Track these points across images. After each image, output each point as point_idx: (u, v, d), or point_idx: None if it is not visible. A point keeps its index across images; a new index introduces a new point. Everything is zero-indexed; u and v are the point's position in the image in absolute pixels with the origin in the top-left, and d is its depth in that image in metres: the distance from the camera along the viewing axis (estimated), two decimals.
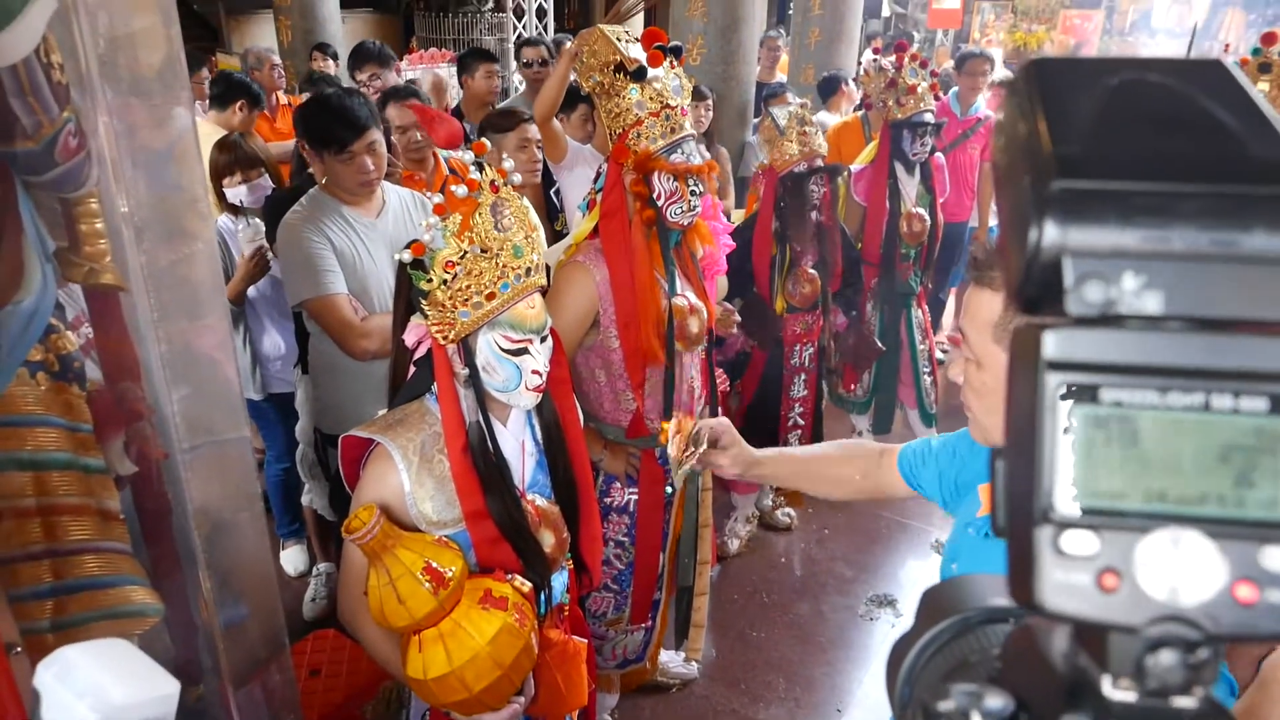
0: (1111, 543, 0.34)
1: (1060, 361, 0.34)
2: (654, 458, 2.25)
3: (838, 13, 6.03)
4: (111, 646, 0.82)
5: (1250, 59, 3.13)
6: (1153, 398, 0.33)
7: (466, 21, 9.52)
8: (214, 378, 1.42)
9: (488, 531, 1.52)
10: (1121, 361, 0.34)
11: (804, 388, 3.31)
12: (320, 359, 2.49)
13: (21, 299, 1.13)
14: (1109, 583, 0.34)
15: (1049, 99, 0.37)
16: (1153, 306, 0.34)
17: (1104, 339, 0.34)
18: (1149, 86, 0.37)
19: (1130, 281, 0.34)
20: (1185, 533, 0.33)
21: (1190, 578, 0.33)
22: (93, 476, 1.29)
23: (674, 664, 2.74)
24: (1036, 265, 0.34)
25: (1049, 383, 0.34)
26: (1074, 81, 0.37)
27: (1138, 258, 0.33)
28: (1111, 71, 0.37)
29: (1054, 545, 0.34)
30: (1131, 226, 0.33)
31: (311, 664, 2.43)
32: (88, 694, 0.75)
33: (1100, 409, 0.34)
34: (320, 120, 2.34)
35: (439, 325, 1.45)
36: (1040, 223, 0.34)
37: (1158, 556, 0.33)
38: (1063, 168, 0.34)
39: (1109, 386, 0.34)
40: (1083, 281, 0.34)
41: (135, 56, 1.20)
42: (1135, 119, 0.36)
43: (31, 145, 1.12)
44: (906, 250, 3.65)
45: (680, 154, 1.96)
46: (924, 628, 0.53)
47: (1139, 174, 0.34)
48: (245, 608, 1.57)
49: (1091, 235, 0.34)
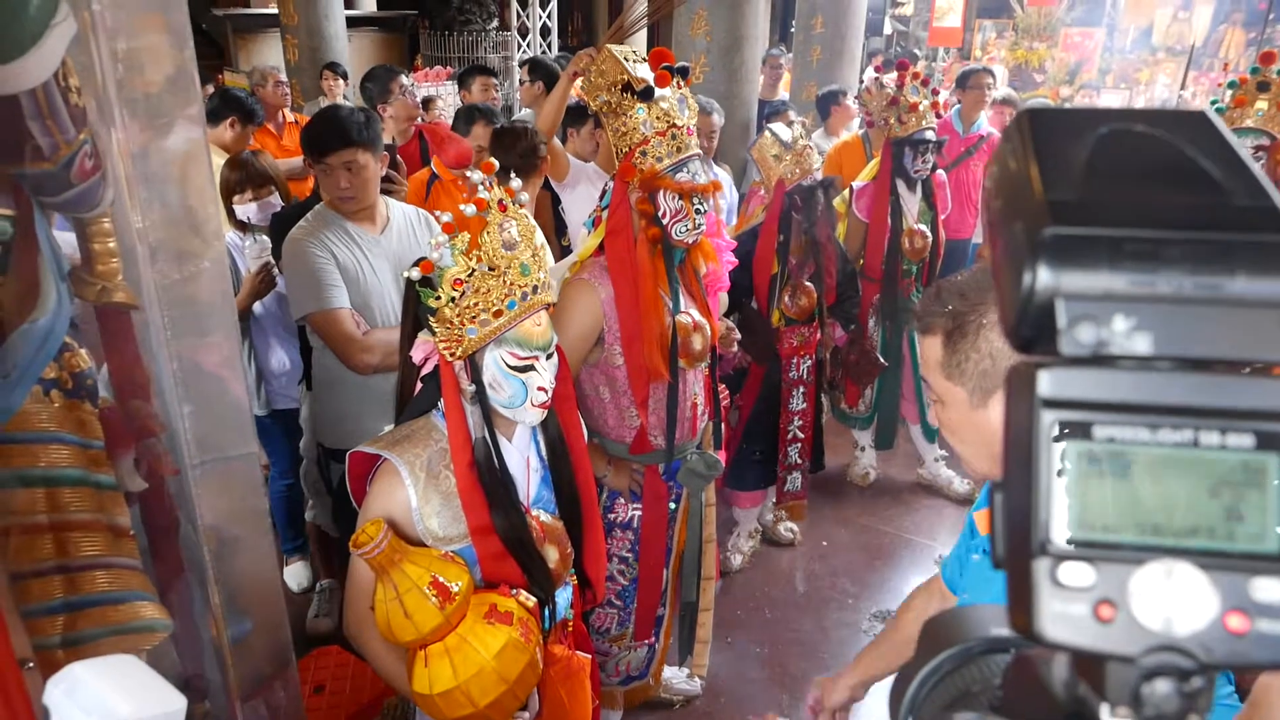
0: (1107, 574, 0.35)
1: (1055, 399, 0.35)
2: (657, 474, 2.26)
3: (839, 31, 6.07)
4: (119, 663, 0.83)
5: (1249, 77, 3.15)
6: (1144, 434, 0.35)
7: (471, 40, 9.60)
8: (223, 394, 1.43)
9: (493, 547, 1.53)
10: (1113, 399, 0.35)
11: (803, 400, 3.32)
12: (323, 373, 2.51)
13: (37, 317, 1.15)
14: (1105, 613, 0.35)
15: (1041, 147, 0.39)
16: (1142, 347, 0.35)
17: (1096, 378, 0.35)
18: (1136, 136, 0.39)
19: (1121, 323, 0.35)
20: (1178, 564, 0.35)
21: (1183, 608, 0.34)
22: (104, 493, 1.31)
23: (677, 680, 2.74)
24: (1031, 307, 0.36)
25: (1044, 420, 0.35)
26: (1065, 130, 0.39)
27: (1127, 300, 0.35)
28: (1100, 121, 0.39)
29: (1052, 577, 0.35)
30: (1121, 271, 0.35)
31: (315, 680, 2.43)
32: (95, 710, 0.76)
33: (1094, 445, 0.35)
34: (314, 127, 2.38)
35: (446, 342, 1.47)
36: (1034, 267, 0.35)
37: (1152, 588, 0.35)
38: (1055, 214, 0.36)
39: (1102, 424, 0.35)
40: (1075, 323, 0.35)
41: (150, 78, 1.22)
42: (1123, 167, 0.37)
43: (49, 167, 1.14)
44: (908, 266, 3.67)
45: (686, 173, 1.98)
46: (926, 658, 0.54)
47: (1128, 221, 0.35)
48: (251, 623, 1.58)
49: (1083, 279, 0.35)
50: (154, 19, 1.25)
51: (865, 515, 3.83)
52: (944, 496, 3.97)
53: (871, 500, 3.98)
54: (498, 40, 9.79)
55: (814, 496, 3.61)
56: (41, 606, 1.24)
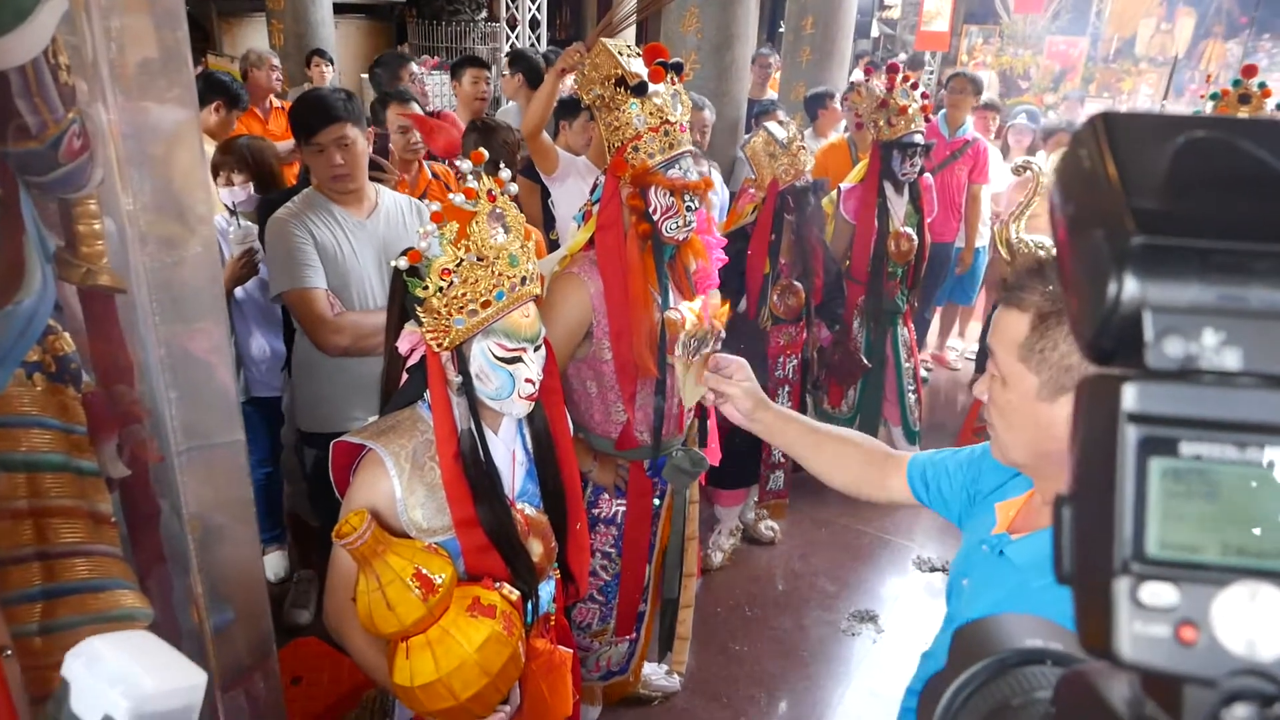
0: (1190, 595, 0.34)
1: (1140, 414, 0.34)
2: (642, 469, 2.26)
3: (829, 32, 6.10)
4: (138, 637, 0.82)
5: (1231, 90, 3.20)
6: (1231, 453, 0.34)
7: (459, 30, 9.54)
8: (210, 381, 1.42)
9: (477, 539, 1.52)
10: (1201, 416, 0.34)
11: (787, 400, 3.33)
12: (301, 355, 2.51)
13: (22, 299, 1.13)
14: (1188, 635, 0.34)
15: (1120, 152, 0.37)
16: (1232, 363, 0.34)
17: (1184, 393, 0.34)
18: (1215, 144, 0.37)
19: (1210, 338, 0.34)
20: (1263, 586, 0.34)
21: (1268, 631, 0.33)
22: (86, 479, 1.29)
23: (656, 676, 2.74)
24: (1115, 318, 0.35)
25: (1129, 435, 0.35)
26: (1143, 136, 0.38)
27: (1216, 314, 0.34)
28: (1177, 129, 0.38)
29: (1133, 597, 0.35)
30: (1210, 284, 0.34)
31: (293, 671, 2.41)
32: (119, 682, 0.75)
33: (1179, 462, 0.34)
34: (298, 110, 2.39)
35: (433, 332, 1.46)
36: (1121, 277, 0.35)
37: (1235, 609, 0.34)
38: (1141, 223, 0.35)
39: (1188, 440, 0.34)
40: (1163, 336, 0.34)
41: (143, 58, 1.20)
42: (1205, 177, 0.36)
43: (36, 145, 1.12)
44: (894, 269, 3.69)
45: (678, 169, 1.98)
46: (958, 668, 0.53)
47: (1216, 232, 0.34)
48: (232, 613, 1.57)
49: (1171, 292, 0.34)
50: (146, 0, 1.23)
51: (845, 515, 3.85)
52: None
53: (851, 500, 3.96)
54: (486, 31, 9.74)
55: (795, 496, 3.62)
56: (20, 593, 1.22)
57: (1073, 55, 9.99)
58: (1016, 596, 1.09)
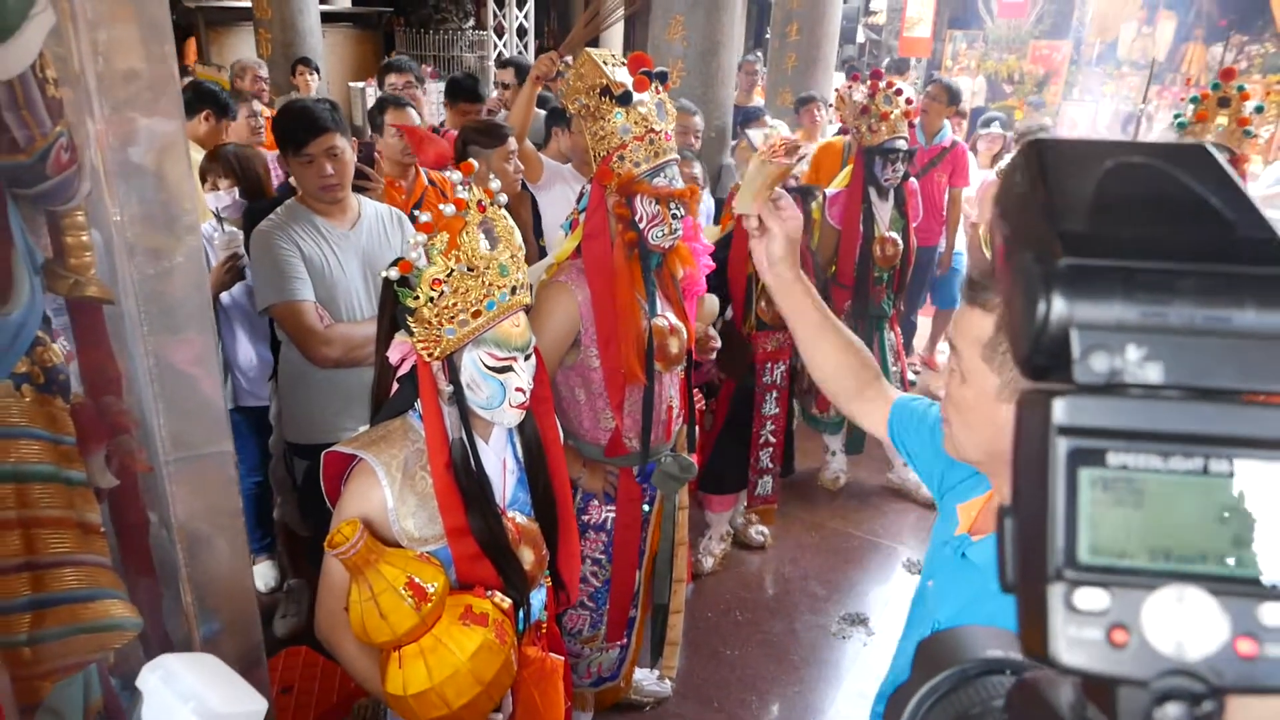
0: (1121, 599, 0.36)
1: (1069, 427, 0.36)
2: (632, 476, 2.26)
3: (814, 38, 6.14)
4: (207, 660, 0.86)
5: (1210, 93, 3.24)
6: (1156, 462, 0.36)
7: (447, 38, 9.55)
8: (197, 391, 1.42)
9: (469, 548, 1.53)
10: (1126, 427, 0.36)
11: (775, 405, 3.35)
12: (289, 367, 2.50)
13: (10, 311, 1.13)
14: (1119, 638, 0.35)
15: (1049, 178, 0.39)
16: (1154, 376, 0.36)
17: (1110, 406, 0.36)
18: (1141, 169, 0.40)
19: (1133, 353, 0.36)
20: (1189, 589, 0.35)
21: (1195, 633, 0.35)
22: (74, 489, 1.29)
23: (648, 682, 2.75)
24: (1045, 337, 0.37)
25: (1059, 447, 0.36)
26: (1071, 162, 0.40)
27: (1140, 331, 0.36)
28: (1104, 154, 0.40)
29: (1067, 602, 0.36)
30: (1133, 302, 0.36)
31: (283, 681, 2.41)
32: (191, 699, 0.79)
33: (1107, 472, 0.36)
34: (283, 122, 2.38)
35: (424, 342, 1.47)
36: (1049, 297, 0.36)
37: (1164, 612, 0.35)
38: (1068, 245, 0.36)
39: (1115, 451, 0.36)
40: (1089, 352, 0.36)
41: (131, 71, 1.21)
42: (1130, 200, 0.38)
43: (23, 158, 1.13)
44: (880, 274, 3.72)
45: (663, 178, 1.99)
46: (921, 679, 0.54)
47: (1138, 253, 0.36)
48: (221, 623, 1.57)
49: (1097, 310, 0.36)
50: (133, 11, 1.23)
51: (835, 519, 3.87)
52: (911, 500, 4.02)
53: (841, 504, 4.02)
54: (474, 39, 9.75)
55: (785, 500, 3.64)
56: (8, 604, 1.22)
57: (1056, 59, 10.07)
58: (980, 599, 1.08)
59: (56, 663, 1.27)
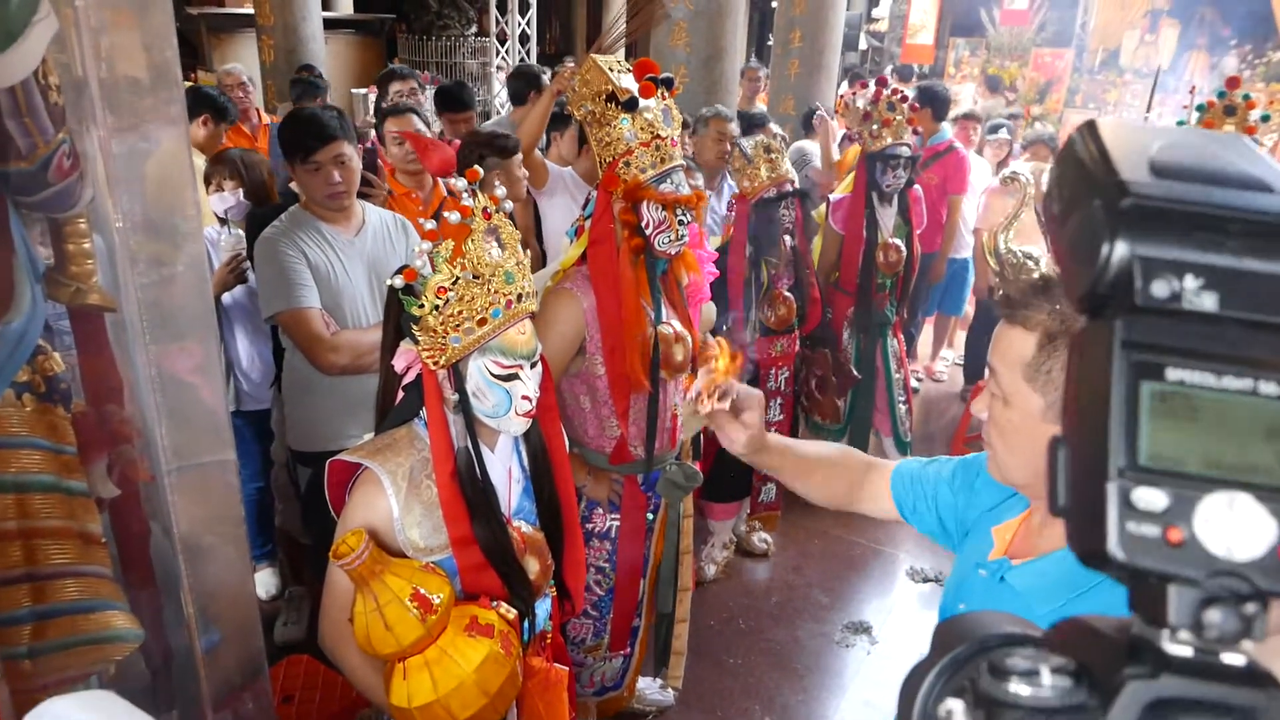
0: (1177, 500, 0.38)
1: (1132, 342, 0.39)
2: (636, 484, 2.25)
3: (816, 46, 6.14)
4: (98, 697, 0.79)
5: (1216, 101, 3.23)
6: (1210, 379, 0.38)
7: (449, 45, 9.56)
8: (199, 399, 1.41)
9: (474, 558, 1.51)
10: (1184, 346, 0.39)
11: (779, 412, 3.33)
12: (293, 375, 2.49)
13: (11, 320, 1.12)
14: (1175, 536, 0.37)
15: (1110, 144, 0.43)
16: (1210, 305, 0.39)
17: (1169, 326, 0.39)
18: (1188, 144, 0.43)
19: (1191, 282, 0.39)
20: (1239, 496, 0.37)
21: (1244, 536, 0.37)
22: (75, 499, 1.28)
23: (651, 691, 2.73)
24: (1109, 271, 0.40)
25: (1121, 360, 0.39)
26: (1126, 137, 0.44)
27: (1196, 265, 0.39)
28: (1155, 134, 0.44)
29: (1125, 499, 0.38)
30: (1190, 241, 0.39)
31: (284, 690, 2.39)
32: None
33: (1165, 386, 0.39)
34: (290, 130, 2.37)
35: (430, 350, 1.45)
36: (1114, 234, 0.39)
37: (1216, 515, 0.37)
38: (1132, 189, 0.40)
39: (1173, 367, 0.39)
40: (1151, 279, 0.39)
41: (134, 78, 1.20)
42: (1182, 164, 0.42)
43: (25, 166, 1.12)
44: (883, 280, 3.70)
45: (669, 184, 1.98)
46: (938, 657, 0.54)
47: (1194, 201, 0.40)
48: (222, 632, 1.55)
49: (1158, 246, 0.39)
50: (136, 18, 1.23)
51: (838, 527, 3.85)
52: None
53: (844, 512, 4.00)
54: (476, 46, 9.76)
55: (788, 508, 3.62)
56: (9, 615, 1.21)
57: (1058, 67, 10.07)
58: None
59: (57, 674, 1.26)
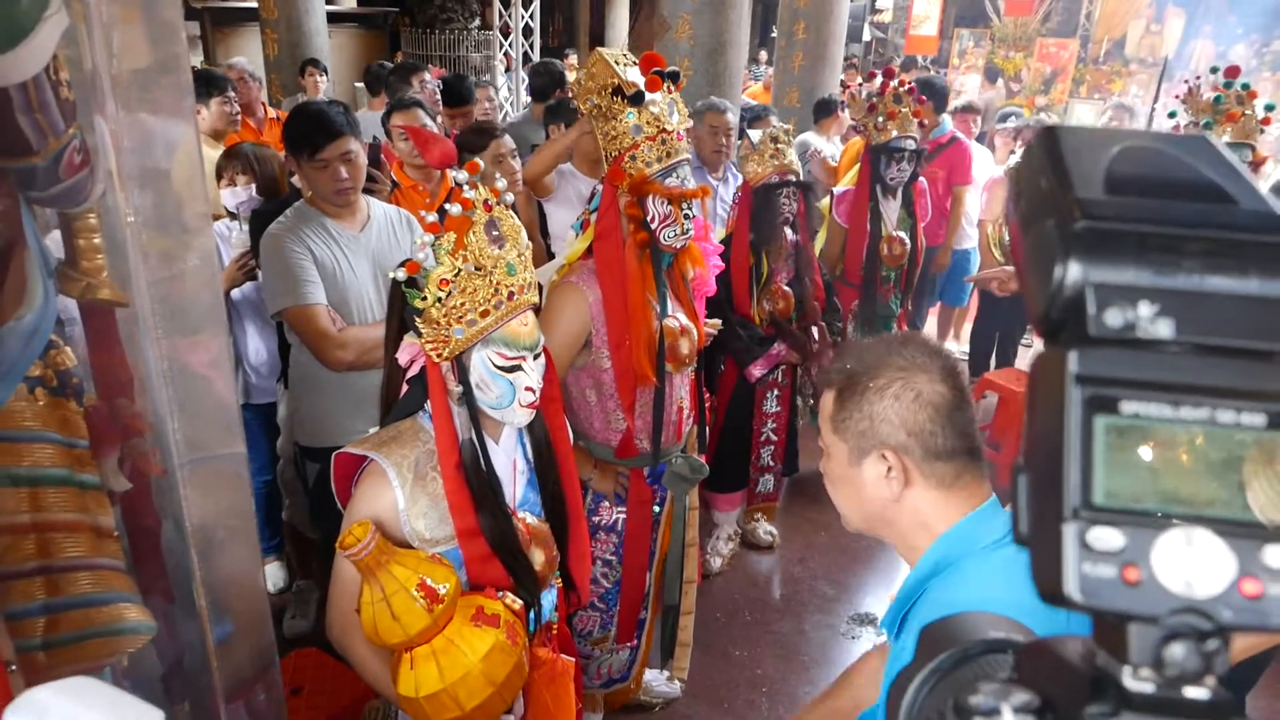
0: (1133, 539, 0.37)
1: (1085, 376, 0.38)
2: (642, 477, 2.26)
3: (820, 37, 6.13)
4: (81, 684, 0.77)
5: (1225, 90, 3.22)
6: (1166, 410, 0.37)
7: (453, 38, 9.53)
8: (210, 393, 1.42)
9: (479, 549, 1.52)
10: (1138, 378, 0.38)
11: (777, 403, 3.33)
12: (300, 370, 2.49)
13: (24, 315, 1.13)
14: (1132, 575, 0.37)
15: (1066, 156, 0.42)
16: (1165, 332, 0.38)
17: (1123, 357, 0.38)
18: (1147, 151, 0.42)
19: (1145, 309, 0.38)
20: (1197, 531, 0.37)
21: (1203, 572, 0.36)
22: (88, 493, 1.29)
23: (657, 683, 2.74)
24: (1061, 296, 0.39)
25: (1075, 394, 0.38)
26: (1083, 145, 0.43)
27: (1150, 290, 0.38)
28: (1114, 140, 0.43)
29: (1081, 540, 0.37)
30: (1145, 264, 0.38)
31: (294, 682, 2.40)
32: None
33: (1120, 419, 0.38)
34: (297, 126, 2.37)
35: (433, 343, 1.46)
36: (1066, 258, 0.38)
37: (1174, 552, 0.37)
38: (1084, 211, 0.39)
39: (1128, 399, 0.38)
40: (1104, 307, 0.38)
41: (143, 72, 1.20)
42: (1140, 176, 0.41)
43: (37, 161, 1.12)
44: (887, 273, 3.70)
45: (675, 178, 1.98)
46: (924, 662, 0.55)
47: (1149, 220, 0.39)
48: (233, 625, 1.57)
49: (1111, 270, 0.38)
50: (145, 12, 1.23)
51: None
52: None
53: None
54: (479, 39, 9.74)
55: (792, 500, 3.63)
56: (23, 608, 1.22)
57: (1063, 57, 10.03)
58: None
59: (71, 667, 1.27)
